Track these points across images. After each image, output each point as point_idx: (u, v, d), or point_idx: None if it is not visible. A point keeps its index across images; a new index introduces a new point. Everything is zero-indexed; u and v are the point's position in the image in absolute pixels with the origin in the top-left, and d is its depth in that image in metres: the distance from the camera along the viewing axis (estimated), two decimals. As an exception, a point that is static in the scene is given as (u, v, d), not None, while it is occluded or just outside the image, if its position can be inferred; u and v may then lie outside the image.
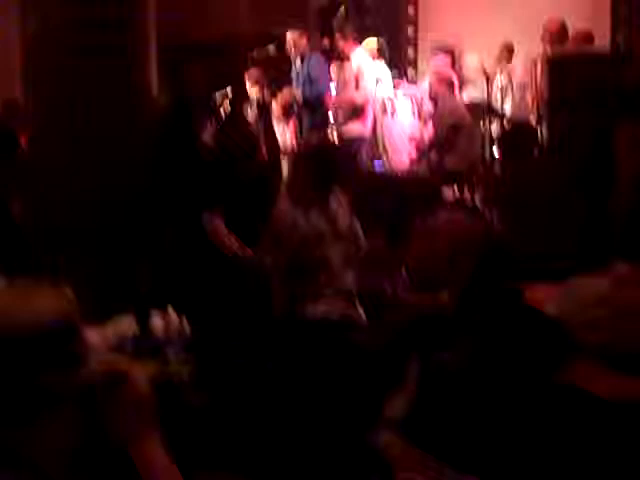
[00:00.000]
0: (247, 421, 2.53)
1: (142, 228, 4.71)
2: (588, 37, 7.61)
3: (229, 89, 8.36)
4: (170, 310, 3.72)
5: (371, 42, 8.29)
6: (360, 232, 4.34)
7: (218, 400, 2.69)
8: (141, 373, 1.63)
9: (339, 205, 4.30)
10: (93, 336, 2.72)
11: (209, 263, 4.31)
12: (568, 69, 6.89)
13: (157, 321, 3.65)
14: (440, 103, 7.50)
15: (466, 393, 2.57)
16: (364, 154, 7.65)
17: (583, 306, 3.03)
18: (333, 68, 8.27)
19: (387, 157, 7.99)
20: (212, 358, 3.14)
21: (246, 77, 8.49)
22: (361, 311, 4.06)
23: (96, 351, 1.58)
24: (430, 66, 8.60)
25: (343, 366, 2.91)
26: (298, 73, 8.13)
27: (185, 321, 3.62)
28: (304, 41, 8.09)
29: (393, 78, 8.42)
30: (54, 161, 5.20)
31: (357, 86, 7.91)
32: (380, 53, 8.28)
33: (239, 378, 2.87)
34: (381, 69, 8.22)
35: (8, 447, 1.47)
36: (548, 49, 7.48)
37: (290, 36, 8.06)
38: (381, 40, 8.39)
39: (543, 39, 7.63)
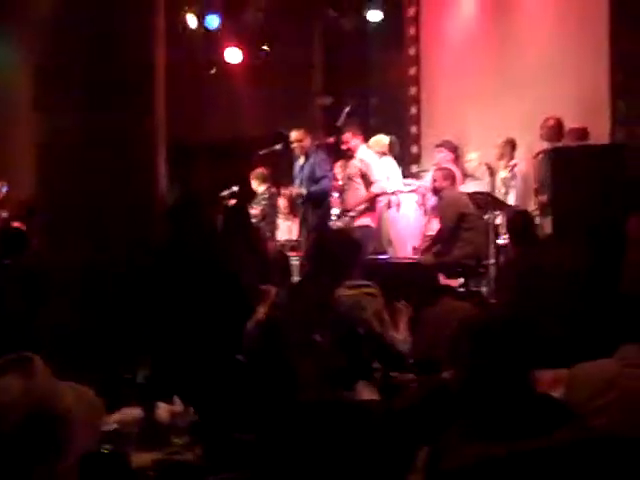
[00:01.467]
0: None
1: (146, 321, 4.73)
2: (583, 133, 7.78)
3: (235, 187, 8.53)
4: (176, 400, 3.71)
5: (379, 139, 8.47)
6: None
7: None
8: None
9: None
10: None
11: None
12: (568, 161, 7.02)
13: (163, 410, 3.64)
14: (444, 195, 7.59)
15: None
16: (370, 247, 7.72)
17: (592, 390, 3.01)
18: (337, 165, 8.42)
19: (392, 250, 8.05)
20: (219, 440, 3.12)
21: (253, 175, 8.67)
22: (364, 394, 4.01)
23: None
24: (433, 161, 8.77)
25: (353, 451, 2.88)
26: (302, 170, 8.26)
27: (192, 410, 3.61)
28: (308, 139, 8.27)
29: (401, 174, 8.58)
30: (66, 260, 5.24)
31: (366, 181, 8.04)
32: (391, 149, 8.46)
33: (248, 458, 2.84)
34: (390, 165, 8.36)
35: None
36: (546, 145, 7.65)
37: (294, 135, 8.23)
38: (392, 137, 8.57)
39: (541, 136, 7.81)
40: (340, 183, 8.27)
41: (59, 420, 1.42)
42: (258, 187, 8.66)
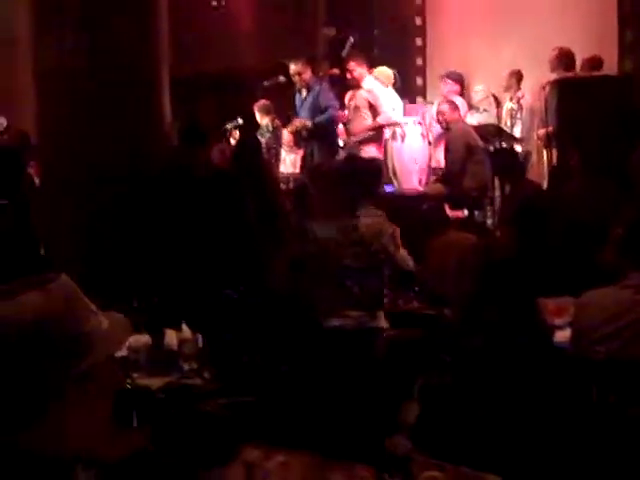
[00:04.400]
0: (263, 426, 2.53)
1: (154, 249, 4.74)
2: (597, 63, 7.68)
3: (240, 119, 8.46)
4: (184, 327, 3.75)
5: (384, 70, 8.37)
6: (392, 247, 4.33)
7: (234, 406, 2.69)
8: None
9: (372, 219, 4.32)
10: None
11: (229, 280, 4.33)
12: (577, 92, 6.96)
13: (171, 337, 3.67)
14: (452, 128, 7.54)
15: (471, 400, 2.59)
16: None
17: (603, 317, 3.03)
18: (346, 96, 8.33)
19: (397, 181, 8.04)
20: (227, 366, 3.16)
21: (257, 107, 8.59)
22: (382, 322, 4.05)
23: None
24: (439, 93, 8.69)
25: (360, 375, 2.92)
26: (304, 102, 8.18)
27: (200, 337, 3.64)
28: (308, 71, 8.16)
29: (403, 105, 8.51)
30: (64, 190, 5.23)
31: (374, 111, 7.97)
32: (394, 81, 8.38)
33: (255, 382, 2.88)
34: (394, 96, 8.29)
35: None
36: (556, 76, 7.56)
37: (294, 68, 8.13)
38: (393, 70, 8.48)
39: (551, 67, 7.71)
40: (346, 113, 8.19)
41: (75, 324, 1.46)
42: (262, 119, 8.59)
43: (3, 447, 1.42)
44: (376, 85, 8.09)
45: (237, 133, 8.17)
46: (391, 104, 8.07)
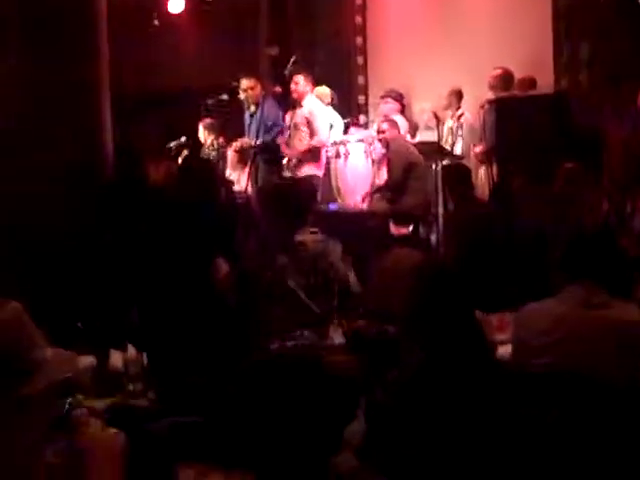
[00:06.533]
0: (205, 446, 2.54)
1: (98, 268, 4.71)
2: (532, 83, 7.87)
3: (183, 138, 8.47)
4: (130, 347, 3.73)
5: (322, 89, 8.47)
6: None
7: (178, 426, 2.69)
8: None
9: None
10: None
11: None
12: (512, 111, 7.12)
13: (116, 357, 3.65)
14: (392, 145, 7.65)
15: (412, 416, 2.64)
16: (319, 196, 7.75)
17: (540, 329, 3.10)
18: (287, 115, 8.40)
19: (341, 199, 8.10)
20: (172, 386, 3.15)
21: (201, 125, 8.60)
22: (335, 340, 4.08)
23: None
24: (379, 111, 8.79)
25: (306, 393, 2.94)
26: (252, 119, 8.23)
27: (144, 357, 3.63)
28: (259, 87, 8.24)
29: (345, 124, 8.60)
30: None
31: (311, 131, 8.06)
32: (332, 99, 8.48)
33: (199, 402, 2.89)
34: (333, 114, 8.39)
35: None
36: (493, 95, 7.73)
37: (245, 83, 8.19)
38: (330, 90, 8.59)
39: (490, 86, 7.88)
40: (287, 132, 8.26)
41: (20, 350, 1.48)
42: (207, 138, 8.60)
43: None
44: (316, 104, 8.19)
45: (185, 151, 8.17)
46: (329, 123, 8.18)
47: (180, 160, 8.02)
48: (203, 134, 8.60)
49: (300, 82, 8.15)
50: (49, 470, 1.49)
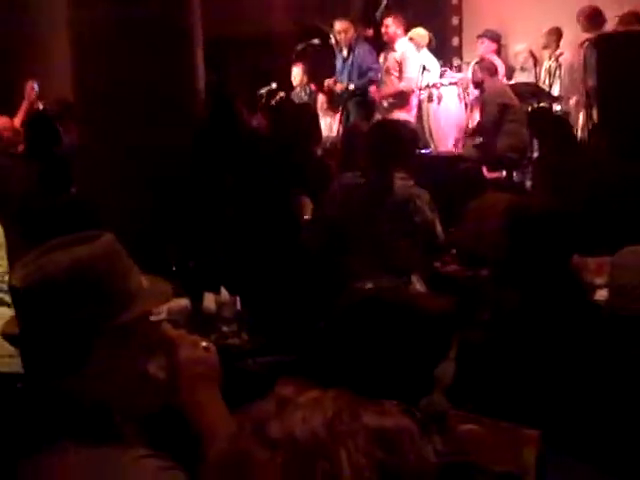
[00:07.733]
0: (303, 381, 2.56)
1: (192, 213, 4.76)
2: (637, 17, 7.51)
3: (274, 84, 8.45)
4: (223, 290, 3.79)
5: (419, 31, 8.29)
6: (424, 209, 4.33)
7: (272, 364, 2.73)
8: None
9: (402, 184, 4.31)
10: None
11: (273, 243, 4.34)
12: (617, 48, 6.81)
13: (210, 300, 3.72)
14: (486, 87, 7.47)
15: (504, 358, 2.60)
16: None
17: (638, 273, 3.00)
18: (380, 58, 8.28)
19: (434, 144, 7.98)
20: (265, 325, 3.19)
21: (294, 70, 8.56)
22: (417, 285, 4.06)
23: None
24: (476, 52, 8.58)
25: (398, 333, 2.93)
26: (344, 63, 8.14)
27: (238, 300, 3.69)
28: (352, 30, 8.11)
29: (440, 67, 8.42)
30: (101, 150, 5.26)
31: (400, 75, 7.93)
32: (429, 42, 8.29)
33: (294, 340, 2.92)
34: (428, 58, 8.22)
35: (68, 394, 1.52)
36: (585, 35, 7.42)
37: (339, 25, 8.08)
38: (429, 33, 8.40)
39: (583, 27, 7.57)
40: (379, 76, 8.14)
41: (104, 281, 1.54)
42: (298, 83, 8.57)
43: (47, 389, 1.50)
44: (408, 47, 8.03)
45: (280, 94, 8.15)
46: (421, 67, 8.01)
47: (274, 103, 8.00)
48: (294, 79, 8.56)
49: (390, 25, 8.00)
50: (154, 383, 1.59)
